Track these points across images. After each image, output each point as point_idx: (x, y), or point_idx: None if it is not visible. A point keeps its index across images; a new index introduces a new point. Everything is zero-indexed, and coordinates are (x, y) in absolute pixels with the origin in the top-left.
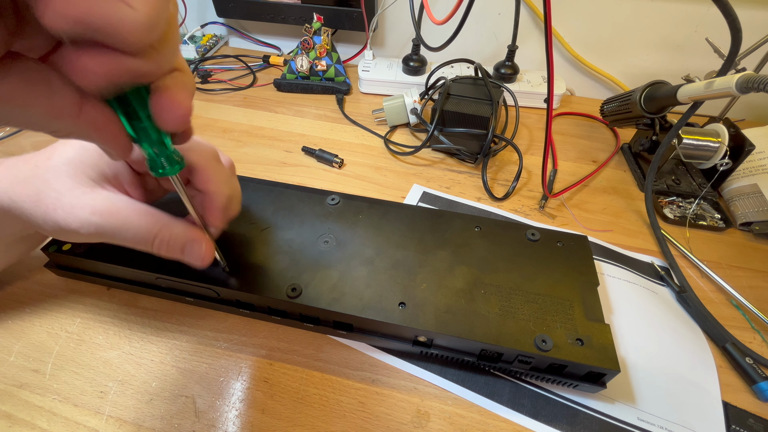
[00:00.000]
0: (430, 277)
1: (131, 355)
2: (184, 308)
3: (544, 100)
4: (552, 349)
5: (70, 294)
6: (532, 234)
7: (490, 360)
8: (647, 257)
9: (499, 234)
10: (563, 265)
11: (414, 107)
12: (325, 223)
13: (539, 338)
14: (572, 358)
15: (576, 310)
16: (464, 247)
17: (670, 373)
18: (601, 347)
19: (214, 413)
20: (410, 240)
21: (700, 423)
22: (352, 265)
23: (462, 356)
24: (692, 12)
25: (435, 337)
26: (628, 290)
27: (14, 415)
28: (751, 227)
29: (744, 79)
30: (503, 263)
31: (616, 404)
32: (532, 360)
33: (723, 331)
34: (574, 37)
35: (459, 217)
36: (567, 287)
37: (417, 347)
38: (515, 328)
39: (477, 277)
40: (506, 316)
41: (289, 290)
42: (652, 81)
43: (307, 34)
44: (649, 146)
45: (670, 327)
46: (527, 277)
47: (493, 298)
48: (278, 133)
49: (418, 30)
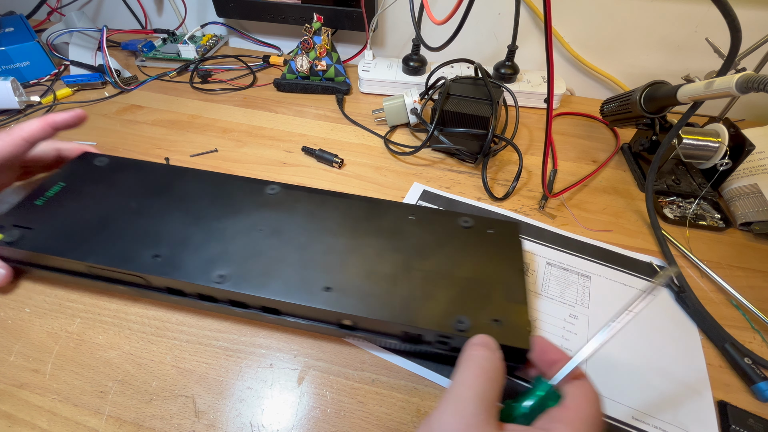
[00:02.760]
0: (359, 263)
1: (131, 355)
2: (184, 308)
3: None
4: (469, 329)
5: (70, 294)
6: (465, 221)
7: (413, 342)
8: (646, 257)
9: (432, 221)
10: (491, 250)
11: (414, 107)
12: (261, 212)
13: (457, 319)
14: None
15: (498, 292)
16: (397, 234)
17: (664, 373)
18: (516, 327)
19: (214, 413)
20: (344, 228)
21: (693, 423)
22: (283, 252)
23: (387, 338)
24: (692, 12)
25: (357, 320)
26: (621, 290)
27: (14, 415)
28: (751, 227)
29: (744, 79)
30: (433, 249)
31: (611, 403)
32: (451, 340)
33: (722, 332)
34: (574, 37)
35: (395, 206)
36: (492, 271)
37: (344, 330)
38: (436, 310)
39: (405, 262)
40: (428, 299)
41: (217, 276)
42: (652, 81)
43: (307, 34)
44: (649, 146)
45: (665, 328)
46: (454, 262)
47: (418, 282)
48: (278, 133)
49: (418, 30)
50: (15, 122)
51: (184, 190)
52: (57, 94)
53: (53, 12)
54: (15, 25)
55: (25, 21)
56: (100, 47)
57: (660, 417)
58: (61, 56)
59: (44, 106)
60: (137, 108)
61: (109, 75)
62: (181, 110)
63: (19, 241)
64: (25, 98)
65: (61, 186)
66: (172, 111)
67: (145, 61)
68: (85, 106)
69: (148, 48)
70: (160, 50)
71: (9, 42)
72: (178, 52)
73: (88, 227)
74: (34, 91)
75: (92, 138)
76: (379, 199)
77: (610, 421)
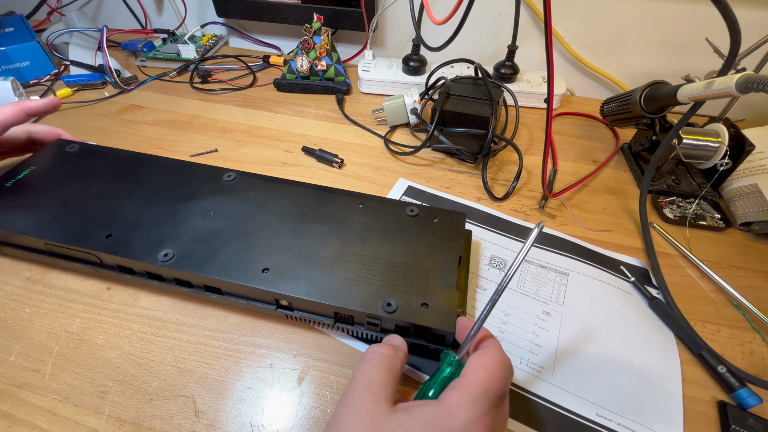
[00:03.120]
0: (300, 247)
1: (131, 355)
2: (184, 308)
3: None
4: (396, 312)
5: (70, 294)
6: (411, 210)
7: (345, 322)
8: (624, 257)
9: (379, 210)
10: (433, 239)
11: (414, 107)
12: (215, 197)
13: (385, 302)
14: (412, 319)
15: (431, 278)
16: (342, 221)
17: (634, 372)
18: (443, 311)
19: (214, 413)
20: (292, 214)
21: (660, 424)
22: (229, 235)
23: (321, 318)
24: (692, 12)
25: (292, 300)
26: (598, 289)
27: (14, 415)
28: (751, 227)
29: (744, 79)
30: (375, 236)
31: (575, 398)
32: (379, 321)
33: (697, 339)
34: (574, 37)
35: (346, 194)
36: (428, 258)
37: (281, 310)
38: (367, 293)
39: (345, 247)
40: (361, 282)
41: (162, 256)
42: (652, 81)
43: (307, 34)
44: (649, 146)
45: (639, 329)
46: (394, 248)
47: (354, 267)
48: (278, 133)
49: (418, 30)
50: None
51: (146, 176)
52: (57, 94)
53: (53, 12)
54: (15, 25)
55: (25, 21)
56: (100, 47)
57: (625, 415)
58: (61, 56)
59: None
60: (137, 108)
61: (109, 75)
62: (181, 110)
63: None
64: (25, 98)
65: (31, 169)
66: (172, 111)
67: (145, 61)
68: (85, 106)
69: (148, 48)
70: (160, 50)
71: (9, 42)
72: (178, 52)
73: (50, 208)
74: (34, 91)
75: (92, 138)
76: (331, 188)
77: (573, 416)
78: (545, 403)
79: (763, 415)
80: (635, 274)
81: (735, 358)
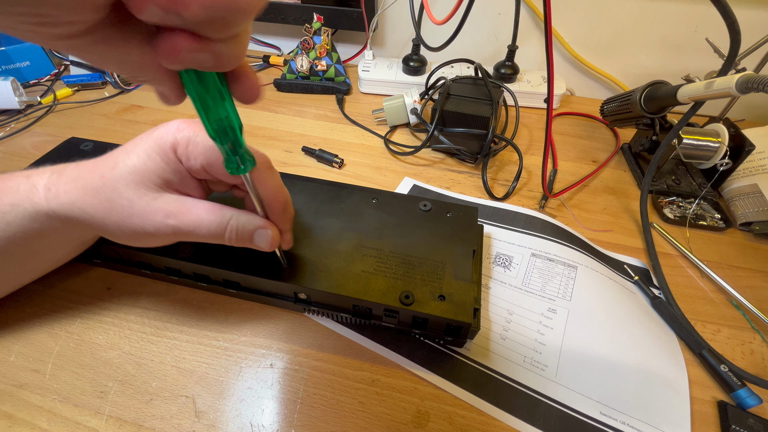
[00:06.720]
0: (316, 241)
1: (131, 355)
2: (184, 308)
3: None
4: (414, 304)
5: (70, 294)
6: (424, 205)
7: (363, 315)
8: (627, 258)
9: (393, 205)
10: (447, 232)
11: (414, 107)
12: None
13: (403, 294)
14: (431, 311)
15: (447, 271)
16: (357, 215)
17: (640, 371)
18: (460, 303)
19: (214, 413)
20: (306, 210)
21: (666, 424)
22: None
23: (339, 312)
24: (692, 12)
25: (310, 293)
26: (606, 284)
27: (14, 415)
28: (751, 227)
29: (744, 79)
30: (390, 230)
31: (579, 396)
32: (397, 314)
33: (699, 338)
34: (574, 37)
35: (359, 189)
36: (444, 252)
37: (300, 304)
38: (385, 286)
39: (361, 241)
40: (379, 275)
41: (181, 251)
42: (652, 81)
43: (307, 34)
44: (649, 146)
45: (645, 327)
46: (409, 242)
47: (371, 260)
48: (278, 133)
49: (418, 30)
50: (15, 122)
51: None
52: (57, 94)
53: None
54: None
55: None
56: None
57: (630, 414)
58: (61, 56)
59: (44, 106)
60: (137, 108)
61: (109, 75)
62: (181, 110)
63: None
64: (26, 98)
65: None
66: (172, 111)
67: None
68: (85, 106)
69: None
70: None
71: (9, 42)
72: None
73: None
74: (34, 91)
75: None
76: (344, 184)
77: (577, 415)
78: (548, 401)
79: (763, 415)
80: (637, 273)
81: (735, 358)
